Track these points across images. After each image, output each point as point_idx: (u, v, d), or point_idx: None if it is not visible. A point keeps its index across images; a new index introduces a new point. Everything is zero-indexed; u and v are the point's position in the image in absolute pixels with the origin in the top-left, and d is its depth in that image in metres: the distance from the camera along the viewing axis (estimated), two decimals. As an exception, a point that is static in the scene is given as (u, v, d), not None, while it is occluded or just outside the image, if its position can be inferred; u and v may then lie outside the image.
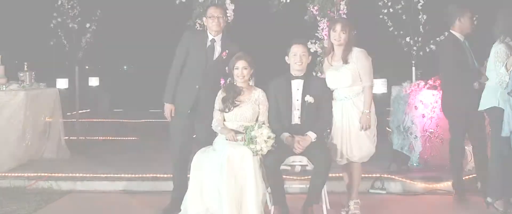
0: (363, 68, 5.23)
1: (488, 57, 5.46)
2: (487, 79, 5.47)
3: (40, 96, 7.84)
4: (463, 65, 5.78)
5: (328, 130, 5.45)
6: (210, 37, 5.45)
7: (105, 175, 6.68)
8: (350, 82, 5.19)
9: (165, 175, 6.50)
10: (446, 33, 7.74)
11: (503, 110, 5.22)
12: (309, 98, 5.24)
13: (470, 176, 6.18)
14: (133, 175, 6.62)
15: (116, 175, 6.63)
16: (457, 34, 5.88)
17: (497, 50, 5.31)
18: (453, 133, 5.96)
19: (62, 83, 12.73)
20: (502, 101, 5.25)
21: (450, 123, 5.96)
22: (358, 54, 5.24)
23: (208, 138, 5.38)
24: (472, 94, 5.71)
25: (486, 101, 5.45)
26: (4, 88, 7.51)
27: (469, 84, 5.75)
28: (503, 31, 5.36)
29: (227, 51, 5.42)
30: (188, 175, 5.28)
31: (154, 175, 6.59)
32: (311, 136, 5.16)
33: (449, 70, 5.91)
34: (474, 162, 6.00)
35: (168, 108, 5.48)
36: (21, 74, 8.09)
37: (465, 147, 6.21)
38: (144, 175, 6.61)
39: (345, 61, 5.23)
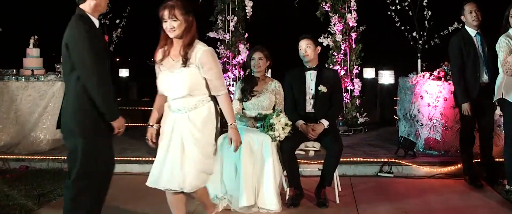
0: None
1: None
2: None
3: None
4: (468, 58, 5.58)
5: (340, 117, 5.40)
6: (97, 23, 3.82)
7: (135, 158, 6.67)
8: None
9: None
10: (451, 28, 7.74)
11: (506, 100, 5.12)
12: (322, 88, 5.20)
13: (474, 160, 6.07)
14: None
15: (144, 158, 6.62)
16: (468, 29, 5.66)
17: (499, 42, 5.21)
18: (462, 122, 5.86)
19: (95, 74, 12.78)
20: (505, 92, 5.14)
21: (460, 113, 5.82)
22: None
23: None
24: (477, 87, 5.54)
25: (496, 93, 5.33)
26: (42, 79, 7.56)
27: (473, 78, 5.56)
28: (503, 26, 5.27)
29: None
30: None
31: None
32: (324, 123, 5.12)
33: (454, 65, 5.72)
34: (479, 149, 5.86)
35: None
36: (58, 66, 8.14)
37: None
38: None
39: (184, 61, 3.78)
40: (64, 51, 3.68)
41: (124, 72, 15.83)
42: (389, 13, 8.09)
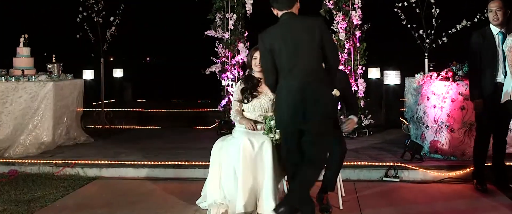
0: None
1: None
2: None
3: (67, 87, 7.92)
4: (486, 56, 5.56)
5: (342, 117, 5.38)
6: None
7: (129, 162, 6.69)
8: None
9: (187, 162, 6.52)
10: (459, 26, 7.75)
11: None
12: (335, 92, 5.14)
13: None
14: (156, 162, 6.61)
15: (139, 162, 6.64)
16: (492, 26, 5.63)
17: (506, 42, 5.20)
18: (477, 122, 5.86)
19: (88, 74, 12.80)
20: None
21: (475, 113, 5.82)
22: None
23: None
24: (492, 86, 5.53)
25: (503, 95, 5.33)
26: (33, 79, 7.58)
27: (489, 76, 5.55)
28: None
29: None
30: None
31: (176, 162, 6.58)
32: (354, 119, 5.15)
33: (470, 61, 5.76)
34: (492, 151, 5.84)
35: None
36: (49, 66, 8.18)
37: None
38: (166, 162, 6.60)
39: None
40: (296, 46, 4.44)
41: (118, 72, 15.77)
42: (395, 10, 8.07)
